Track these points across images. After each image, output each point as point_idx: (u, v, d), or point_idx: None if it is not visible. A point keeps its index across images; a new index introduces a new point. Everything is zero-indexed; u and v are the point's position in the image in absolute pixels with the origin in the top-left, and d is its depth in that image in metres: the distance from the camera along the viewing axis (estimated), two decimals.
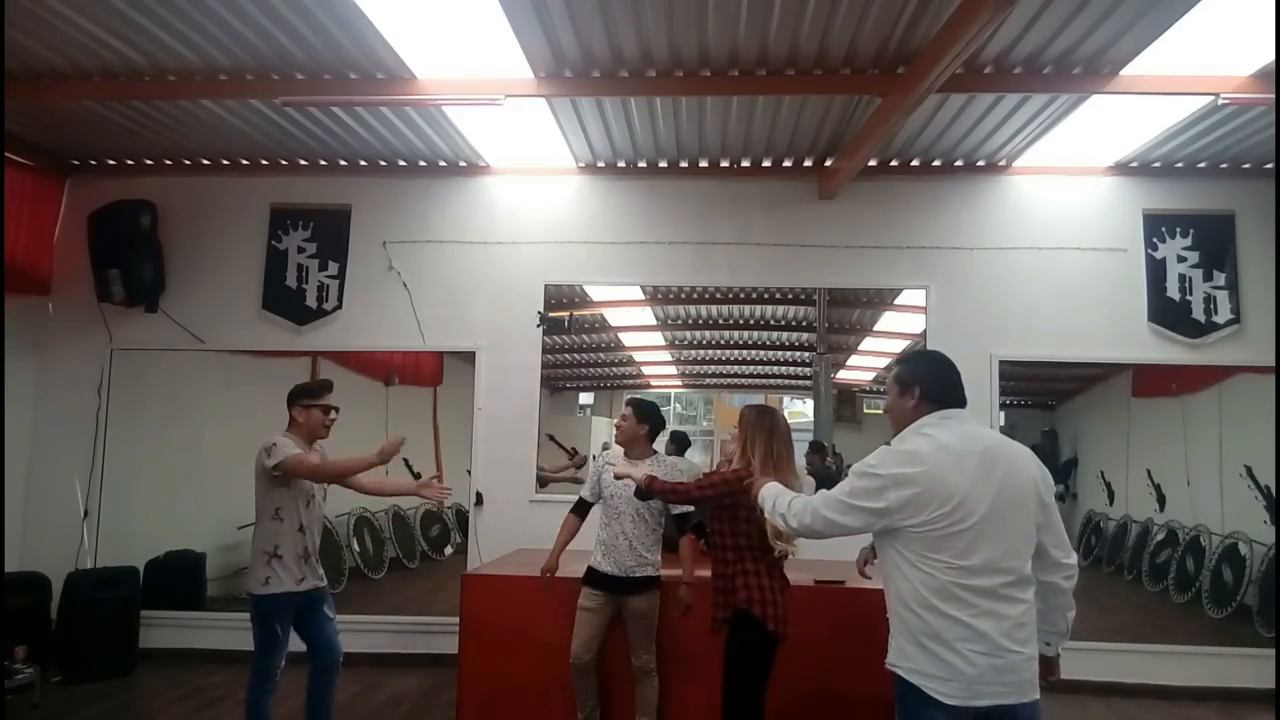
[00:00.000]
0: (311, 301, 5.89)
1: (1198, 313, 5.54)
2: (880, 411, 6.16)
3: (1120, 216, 5.65)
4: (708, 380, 6.25)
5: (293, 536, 3.58)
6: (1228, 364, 5.47)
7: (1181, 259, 5.58)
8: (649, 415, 3.96)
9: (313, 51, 4.30)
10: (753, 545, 3.21)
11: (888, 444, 2.36)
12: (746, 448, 3.21)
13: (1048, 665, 2.40)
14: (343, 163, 5.90)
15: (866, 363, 6.14)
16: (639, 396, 4.19)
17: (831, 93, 4.59)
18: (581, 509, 4.05)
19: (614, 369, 6.32)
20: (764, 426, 3.25)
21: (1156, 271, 5.59)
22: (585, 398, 6.39)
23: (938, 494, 2.17)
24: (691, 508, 3.81)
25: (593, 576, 3.87)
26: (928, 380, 2.36)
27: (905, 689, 2.22)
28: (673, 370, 6.25)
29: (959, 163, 5.68)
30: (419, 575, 5.92)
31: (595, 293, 5.97)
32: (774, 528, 2.85)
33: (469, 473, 5.73)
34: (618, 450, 4.04)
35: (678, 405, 6.49)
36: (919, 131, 5.17)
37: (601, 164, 5.83)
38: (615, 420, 4.17)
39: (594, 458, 5.13)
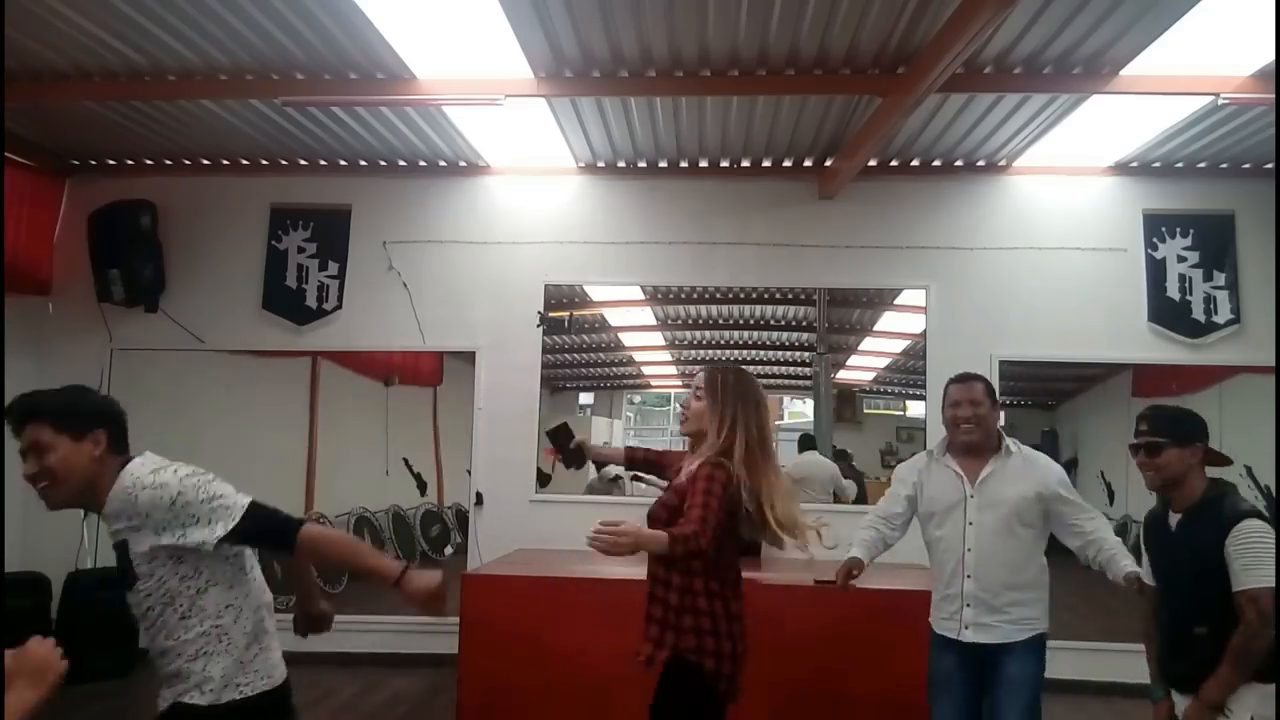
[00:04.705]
0: (311, 301, 5.88)
1: (1198, 313, 5.53)
2: (880, 411, 6.17)
3: (1120, 216, 5.65)
4: None
5: None
6: (1228, 364, 5.46)
7: (1181, 259, 5.57)
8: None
9: (313, 51, 4.29)
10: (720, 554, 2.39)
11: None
12: (722, 423, 2.45)
13: None
14: (343, 163, 5.90)
15: (866, 363, 6.14)
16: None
17: (831, 93, 4.59)
18: None
19: (614, 369, 6.32)
20: (750, 397, 2.50)
21: (1156, 271, 5.59)
22: (585, 398, 6.40)
23: None
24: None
25: None
26: None
27: None
28: (673, 370, 6.24)
29: (959, 163, 5.68)
30: None
31: (595, 293, 5.97)
32: (780, 516, 2.40)
33: (469, 473, 5.73)
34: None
35: (678, 405, 6.48)
36: (919, 131, 5.16)
37: (601, 164, 5.83)
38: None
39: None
